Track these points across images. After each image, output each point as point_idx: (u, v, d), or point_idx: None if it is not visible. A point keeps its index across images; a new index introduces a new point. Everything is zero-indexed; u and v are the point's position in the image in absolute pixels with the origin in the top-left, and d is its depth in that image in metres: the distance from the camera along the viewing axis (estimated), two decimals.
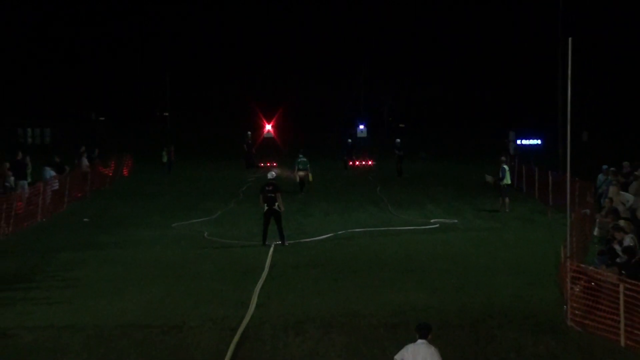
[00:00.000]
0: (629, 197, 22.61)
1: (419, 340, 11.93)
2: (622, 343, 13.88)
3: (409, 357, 11.85)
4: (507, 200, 29.09)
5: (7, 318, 15.43)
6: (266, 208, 22.58)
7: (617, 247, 16.65)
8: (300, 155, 35.75)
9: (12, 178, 27.15)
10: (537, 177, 32.64)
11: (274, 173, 24.89)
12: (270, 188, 22.83)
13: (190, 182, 39.35)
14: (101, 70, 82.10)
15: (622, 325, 13.94)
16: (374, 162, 47.20)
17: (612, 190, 23.58)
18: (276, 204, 22.63)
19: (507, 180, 29.63)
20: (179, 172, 43.06)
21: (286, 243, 22.54)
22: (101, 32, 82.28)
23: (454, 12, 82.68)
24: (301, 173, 34.59)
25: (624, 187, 23.65)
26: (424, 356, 11.77)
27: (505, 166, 29.95)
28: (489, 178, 31.03)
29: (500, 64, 77.97)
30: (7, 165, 28.08)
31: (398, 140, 42.55)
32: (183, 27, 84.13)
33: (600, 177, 26.67)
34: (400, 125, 77.79)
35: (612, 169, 25.96)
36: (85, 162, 35.23)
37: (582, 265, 15.84)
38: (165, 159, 43.63)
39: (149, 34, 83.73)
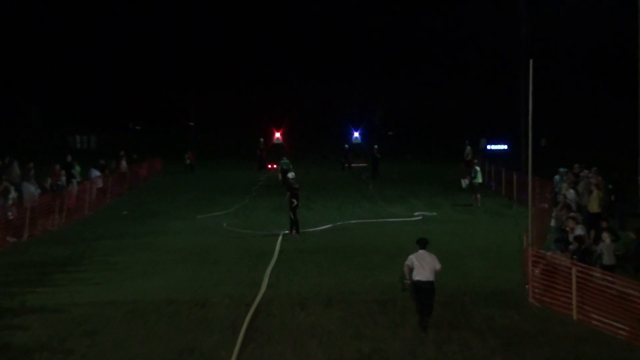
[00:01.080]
0: (572, 194, 22.66)
1: (420, 250, 13.88)
2: (574, 317, 13.97)
3: (416, 262, 13.70)
4: (478, 196, 29.08)
5: (61, 296, 15.57)
6: (295, 203, 22.58)
7: (570, 240, 16.66)
8: (284, 158, 37.95)
9: (64, 178, 27.22)
10: (503, 177, 32.65)
11: (293, 174, 24.57)
12: (297, 186, 22.98)
13: (211, 181, 39.33)
14: (138, 86, 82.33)
15: (574, 302, 14.02)
16: (367, 164, 47.04)
17: (563, 187, 23.60)
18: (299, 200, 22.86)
19: (479, 179, 29.68)
20: (201, 172, 43.06)
21: (297, 233, 22.58)
22: (138, 55, 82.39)
23: (433, 38, 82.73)
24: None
25: (575, 186, 23.65)
26: (427, 260, 13.72)
27: (477, 167, 30.01)
28: (464, 183, 31.00)
29: (474, 81, 78.03)
30: (58, 167, 28.15)
31: (376, 146, 42.18)
32: (207, 50, 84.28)
33: (557, 177, 26.64)
34: (389, 132, 77.43)
35: (565, 169, 25.98)
36: (124, 164, 35.28)
37: (541, 251, 15.93)
38: (187, 162, 43.79)
39: (178, 57, 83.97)
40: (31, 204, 22.76)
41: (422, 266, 13.59)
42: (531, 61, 16.01)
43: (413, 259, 13.79)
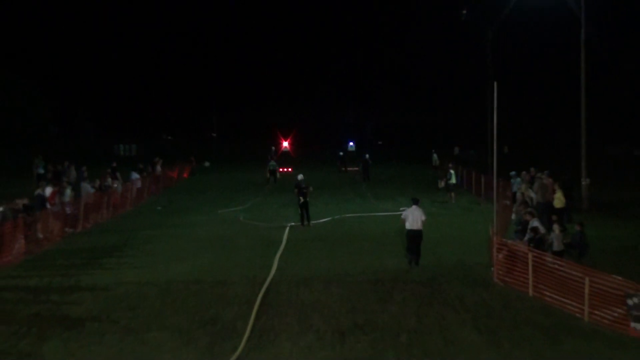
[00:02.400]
0: (532, 193, 22.61)
1: (414, 206, 16.31)
2: (530, 294, 13.98)
3: (409, 214, 16.08)
4: (453, 194, 29.07)
5: (107, 277, 15.63)
6: (302, 200, 22.42)
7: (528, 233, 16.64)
8: (272, 161, 39.19)
9: (110, 179, 27.27)
10: (473, 178, 32.67)
11: (302, 176, 24.11)
12: (304, 186, 22.74)
13: (230, 182, 39.31)
14: (170, 104, 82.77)
15: (530, 281, 14.04)
16: (359, 169, 46.94)
17: (523, 187, 23.55)
18: (308, 197, 22.57)
19: (453, 180, 29.64)
20: (222, 175, 42.95)
21: (310, 224, 22.42)
22: (171, 78, 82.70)
23: (416, 65, 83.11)
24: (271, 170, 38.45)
25: (531, 185, 23.59)
26: (417, 213, 16.10)
27: (451, 171, 30.01)
28: (441, 184, 30.95)
29: (450, 100, 78.22)
30: (109, 170, 28.23)
31: (367, 155, 42.02)
32: (228, 74, 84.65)
33: (516, 181, 26.48)
34: (379, 142, 77.38)
35: (523, 172, 25.92)
36: (158, 168, 35.32)
37: (504, 240, 15.94)
38: (207, 164, 43.79)
39: (204, 79, 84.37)
40: (85, 201, 22.83)
41: (413, 218, 15.94)
42: (495, 83, 16.05)
43: (407, 212, 16.22)
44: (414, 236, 16.13)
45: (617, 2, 57.37)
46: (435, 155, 44.39)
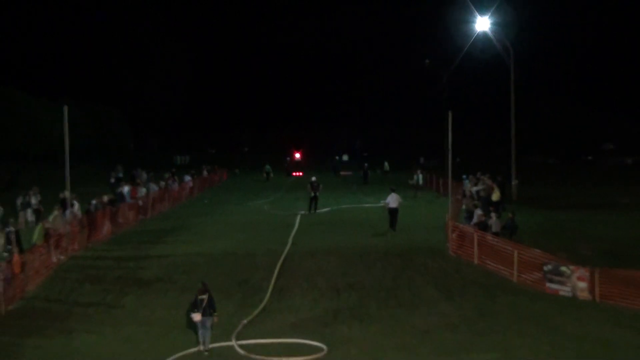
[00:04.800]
0: (475, 190, 22.57)
1: (392, 193, 18.17)
2: (476, 262, 14.06)
3: (389, 199, 17.55)
4: (419, 193, 29.02)
5: (167, 250, 15.75)
6: (312, 195, 22.35)
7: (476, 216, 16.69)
8: (267, 165, 38.81)
9: (170, 181, 27.35)
10: (434, 180, 32.59)
11: (314, 178, 23.67)
12: (316, 184, 22.57)
13: (256, 182, 39.24)
14: (214, 125, 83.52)
15: (475, 253, 14.12)
16: (360, 174, 46.37)
17: (469, 186, 23.53)
18: (318, 192, 22.34)
19: (420, 181, 29.63)
20: (252, 176, 42.89)
21: (315, 212, 22.34)
22: (211, 107, 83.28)
23: (391, 97, 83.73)
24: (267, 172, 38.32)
25: (476, 185, 23.54)
26: (395, 197, 17.95)
27: (420, 174, 29.99)
28: (411, 182, 30.93)
29: (418, 123, 78.70)
30: (169, 174, 28.34)
31: (366, 164, 41.64)
32: (255, 104, 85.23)
33: (467, 182, 26.43)
34: (365, 154, 77.26)
35: (471, 175, 25.87)
36: (205, 173, 35.35)
37: (456, 224, 16.01)
38: (237, 172, 43.41)
39: (238, 107, 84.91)
40: (152, 196, 22.97)
41: (393, 200, 17.87)
42: (450, 112, 16.16)
43: (388, 197, 18.14)
44: (393, 211, 17.90)
45: (535, 55, 59.00)
46: (386, 163, 44.08)
